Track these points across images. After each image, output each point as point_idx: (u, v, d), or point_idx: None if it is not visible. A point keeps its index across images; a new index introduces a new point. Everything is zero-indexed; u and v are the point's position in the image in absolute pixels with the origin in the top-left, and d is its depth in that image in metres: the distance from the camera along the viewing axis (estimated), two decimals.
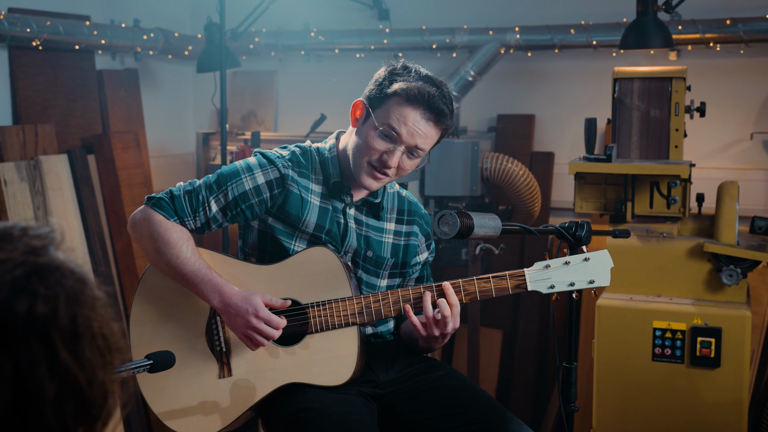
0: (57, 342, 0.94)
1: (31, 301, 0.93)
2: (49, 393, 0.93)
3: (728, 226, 3.06)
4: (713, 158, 3.83)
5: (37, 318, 0.93)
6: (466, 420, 2.19)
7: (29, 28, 3.54)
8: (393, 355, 2.36)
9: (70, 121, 3.95)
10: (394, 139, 2.16)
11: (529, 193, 3.78)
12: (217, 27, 3.92)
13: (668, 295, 3.11)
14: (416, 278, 2.46)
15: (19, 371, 0.91)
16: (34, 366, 0.92)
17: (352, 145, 2.25)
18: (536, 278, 2.14)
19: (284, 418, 2.16)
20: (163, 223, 2.21)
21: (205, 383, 2.24)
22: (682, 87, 3.18)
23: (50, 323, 0.94)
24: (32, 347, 0.92)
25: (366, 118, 2.22)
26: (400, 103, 2.16)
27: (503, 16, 4.09)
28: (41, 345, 0.93)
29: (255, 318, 2.12)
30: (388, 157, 2.17)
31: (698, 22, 3.66)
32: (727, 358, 2.97)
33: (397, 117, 2.15)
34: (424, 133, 2.17)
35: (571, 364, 2.38)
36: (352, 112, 2.27)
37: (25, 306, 0.92)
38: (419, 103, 2.14)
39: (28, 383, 0.92)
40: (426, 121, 2.16)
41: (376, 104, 2.19)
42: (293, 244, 2.27)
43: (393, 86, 2.17)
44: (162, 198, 2.24)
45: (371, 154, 2.18)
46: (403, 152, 2.18)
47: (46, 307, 0.94)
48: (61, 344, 0.94)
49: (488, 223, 2.09)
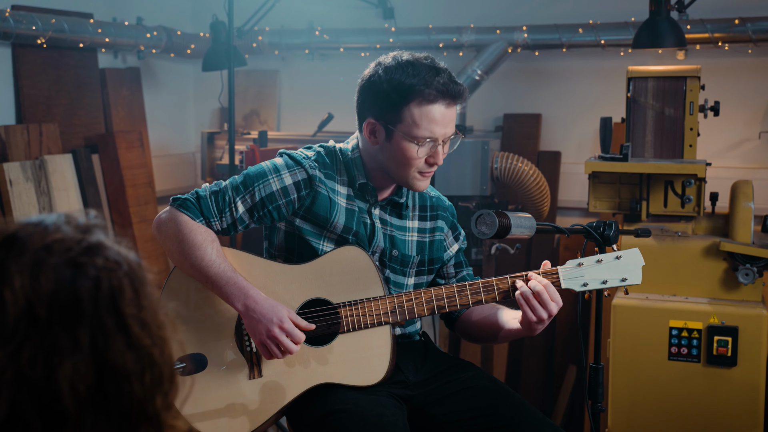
0: (127, 314, 0.97)
1: (94, 276, 0.96)
2: (128, 364, 0.95)
3: (743, 224, 3.07)
4: (722, 157, 3.84)
5: (104, 292, 0.96)
6: (499, 421, 2.17)
7: (34, 26, 3.49)
8: (422, 356, 2.34)
9: (73, 120, 3.90)
10: (433, 141, 2.14)
11: (538, 192, 3.77)
12: (223, 25, 3.89)
13: (684, 294, 3.11)
14: (454, 264, 2.42)
15: (96, 345, 0.94)
16: (109, 338, 0.95)
17: (385, 161, 2.20)
18: (570, 276, 2.13)
19: (318, 420, 2.13)
20: (188, 223, 2.18)
21: (234, 384, 2.21)
22: (697, 86, 3.18)
23: (117, 296, 0.97)
24: (104, 321, 0.95)
25: (388, 134, 2.17)
26: (422, 108, 2.12)
27: (511, 15, 4.08)
28: (113, 318, 0.96)
29: (278, 329, 2.09)
30: (435, 158, 2.16)
31: (707, 21, 3.67)
32: (743, 357, 2.97)
33: (427, 122, 2.12)
34: (451, 119, 2.17)
35: (598, 365, 2.38)
36: (366, 132, 2.23)
37: (89, 282, 0.95)
38: (438, 98, 2.12)
39: (109, 356, 0.95)
40: (448, 108, 2.15)
41: (395, 119, 2.15)
42: (321, 244, 2.25)
43: (406, 95, 2.12)
44: (188, 199, 2.21)
45: (417, 165, 2.16)
46: (443, 144, 2.17)
47: (110, 282, 0.96)
48: (131, 316, 0.97)
49: (524, 223, 2.08)
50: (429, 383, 2.28)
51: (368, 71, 2.23)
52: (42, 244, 0.96)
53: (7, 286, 0.92)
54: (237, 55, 3.85)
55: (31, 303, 0.92)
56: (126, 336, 0.96)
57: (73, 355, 0.93)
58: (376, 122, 2.18)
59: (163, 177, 4.45)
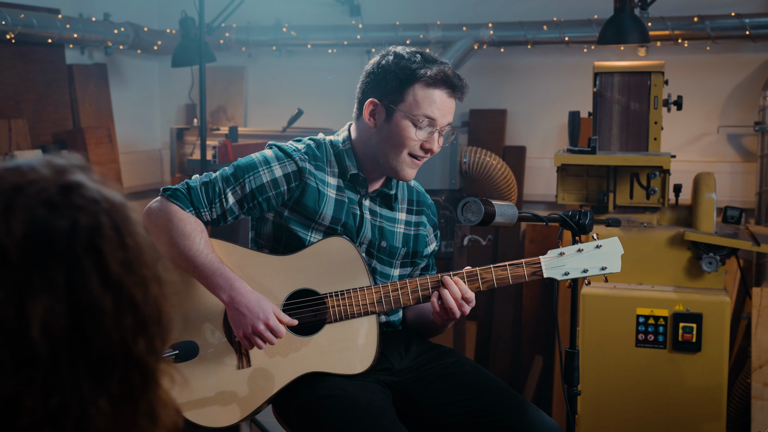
0: (106, 253, 0.93)
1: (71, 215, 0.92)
2: (105, 304, 0.92)
3: (707, 215, 3.18)
4: (682, 151, 3.97)
5: (82, 230, 0.92)
6: (481, 404, 2.24)
7: (4, 21, 3.48)
8: (406, 344, 2.40)
9: (42, 116, 3.89)
10: (432, 124, 2.21)
11: (506, 185, 3.86)
12: (193, 22, 3.90)
13: (650, 283, 3.22)
14: (422, 267, 2.50)
15: (71, 285, 0.91)
16: (85, 278, 0.92)
17: (380, 144, 2.25)
18: (551, 265, 2.20)
19: (305, 406, 2.17)
20: (178, 213, 2.21)
21: (223, 374, 2.24)
22: (661, 81, 3.29)
23: (96, 234, 0.93)
24: (81, 260, 0.92)
25: (389, 114, 2.24)
26: (425, 90, 2.20)
27: (476, 12, 4.16)
28: (90, 257, 0.92)
29: (263, 325, 2.13)
30: (431, 144, 2.22)
31: (667, 19, 3.79)
32: (708, 343, 3.08)
33: (428, 104, 2.19)
34: (451, 109, 2.24)
35: (574, 349, 2.46)
36: (366, 113, 2.29)
37: (65, 221, 0.92)
38: (441, 84, 2.20)
39: (84, 296, 0.92)
40: (449, 98, 2.23)
41: (397, 99, 2.22)
42: (309, 235, 2.29)
43: (412, 75, 2.21)
44: (178, 189, 2.24)
45: (412, 146, 2.22)
46: (439, 133, 2.23)
47: (88, 220, 0.93)
48: (111, 255, 0.94)
49: (507, 211, 2.15)
50: (413, 370, 2.34)
51: (376, 58, 2.30)
52: (13, 184, 0.93)
53: None
54: (207, 52, 3.87)
55: (2, 245, 0.90)
56: (103, 276, 0.93)
57: (46, 294, 0.90)
58: (378, 102, 2.25)
59: (130, 173, 4.44)
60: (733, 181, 3.91)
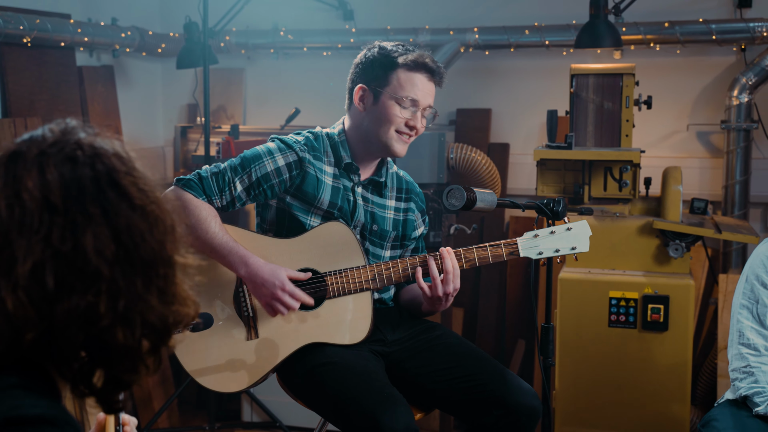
0: (123, 184, 1.23)
1: (89, 163, 1.22)
2: (135, 221, 1.22)
3: (674, 205, 3.45)
4: (655, 147, 4.24)
5: (101, 172, 1.22)
6: (464, 372, 2.50)
7: (21, 26, 3.73)
8: (396, 318, 2.67)
9: (54, 114, 4.13)
10: (414, 104, 2.49)
11: (490, 179, 4.12)
12: (196, 26, 4.16)
13: (622, 268, 3.48)
14: (412, 249, 2.77)
15: (107, 214, 1.20)
16: (115, 206, 1.21)
17: (370, 125, 2.54)
18: (527, 246, 2.47)
19: (307, 372, 2.44)
20: (193, 201, 2.47)
21: (233, 345, 2.50)
22: (632, 82, 3.56)
23: (112, 172, 1.23)
24: (107, 194, 1.21)
25: (376, 97, 2.52)
26: (406, 73, 2.50)
27: (463, 17, 4.42)
28: (113, 190, 1.22)
29: (281, 291, 2.41)
30: (414, 121, 2.51)
31: (640, 24, 4.06)
32: (674, 322, 3.36)
33: (410, 86, 2.50)
34: (431, 92, 2.55)
35: (549, 324, 2.72)
36: (356, 98, 2.57)
37: (86, 168, 1.21)
38: (421, 68, 2.51)
39: (119, 219, 1.21)
40: (429, 82, 2.54)
41: (383, 83, 2.51)
42: (309, 219, 2.55)
43: (395, 61, 2.50)
44: (191, 179, 2.50)
45: (397, 123, 2.51)
46: (421, 114, 2.51)
47: (103, 163, 1.22)
48: (128, 185, 1.23)
49: (487, 198, 2.41)
50: (403, 341, 2.61)
51: (363, 52, 2.60)
52: (39, 150, 1.22)
53: (23, 189, 1.18)
54: (210, 54, 4.12)
55: (45, 196, 1.18)
56: (128, 201, 1.22)
57: (91, 226, 1.19)
58: (366, 88, 2.54)
59: None
60: (701, 175, 4.19)
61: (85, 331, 1.19)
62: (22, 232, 1.17)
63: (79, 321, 1.18)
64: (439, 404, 2.55)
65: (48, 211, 1.18)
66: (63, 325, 1.17)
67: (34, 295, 1.16)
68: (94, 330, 1.19)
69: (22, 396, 1.14)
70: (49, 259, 1.17)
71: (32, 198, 1.18)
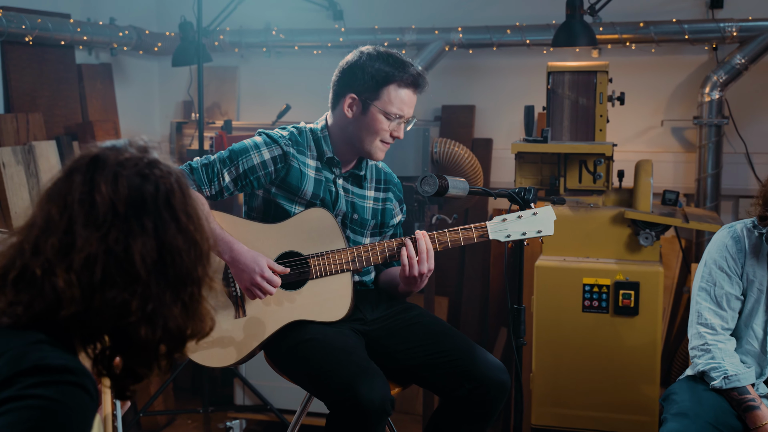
0: (177, 208, 1.43)
1: (154, 182, 1.42)
2: (178, 243, 1.42)
3: (644, 196, 3.63)
4: (630, 143, 4.42)
5: (161, 193, 1.42)
6: (437, 348, 2.67)
7: (24, 25, 3.90)
8: (376, 299, 2.84)
9: (54, 110, 4.31)
10: (401, 117, 2.67)
11: (473, 173, 4.30)
12: (191, 25, 4.33)
13: (595, 256, 3.66)
14: (390, 235, 2.94)
15: (157, 229, 1.40)
16: (165, 225, 1.41)
17: (356, 131, 2.70)
18: (496, 229, 2.64)
19: (291, 348, 2.61)
20: None
21: (223, 323, 2.68)
22: (605, 79, 3.74)
23: (170, 195, 1.43)
24: (162, 213, 1.42)
25: (365, 108, 2.68)
26: (397, 90, 2.66)
27: (448, 17, 4.60)
28: (168, 211, 1.42)
29: (260, 277, 2.58)
30: (398, 132, 2.68)
31: (616, 24, 4.24)
32: (644, 307, 3.53)
33: (399, 103, 2.65)
34: (414, 103, 2.72)
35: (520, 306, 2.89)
36: (345, 105, 2.71)
37: (151, 186, 1.41)
38: (410, 85, 2.66)
39: (166, 237, 1.41)
40: (413, 95, 2.71)
41: (374, 96, 2.67)
42: (293, 208, 2.73)
43: (388, 78, 2.65)
44: (182, 169, 2.67)
45: (383, 134, 2.67)
46: (404, 124, 2.68)
47: (165, 186, 1.42)
48: (180, 209, 1.43)
49: (459, 185, 2.59)
50: (382, 321, 2.78)
51: (351, 56, 2.73)
52: (117, 161, 1.41)
53: (97, 192, 1.38)
54: (204, 53, 4.29)
55: (113, 202, 1.38)
56: (177, 223, 1.42)
57: (142, 236, 1.38)
58: (356, 97, 2.69)
59: None
60: (675, 169, 4.37)
61: (115, 321, 1.39)
62: (86, 226, 1.37)
63: (112, 311, 1.38)
64: (415, 379, 2.72)
65: (112, 214, 1.38)
66: (98, 311, 1.37)
67: (83, 280, 1.36)
68: (122, 323, 1.39)
69: (49, 350, 1.33)
70: (101, 254, 1.37)
71: (102, 200, 1.38)
